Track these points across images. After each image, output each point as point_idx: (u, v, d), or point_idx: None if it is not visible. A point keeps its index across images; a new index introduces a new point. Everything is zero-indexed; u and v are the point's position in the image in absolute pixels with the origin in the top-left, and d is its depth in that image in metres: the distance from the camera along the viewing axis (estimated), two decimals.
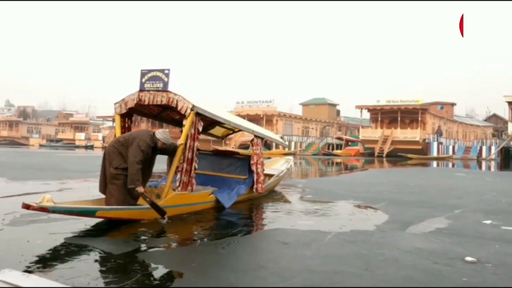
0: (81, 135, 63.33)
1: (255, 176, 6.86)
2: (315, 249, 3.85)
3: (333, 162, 27.45)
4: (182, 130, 5.44)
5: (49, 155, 25.84)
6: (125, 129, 5.85)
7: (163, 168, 5.28)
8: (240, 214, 6.09)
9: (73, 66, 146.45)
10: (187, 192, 5.43)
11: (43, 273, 2.98)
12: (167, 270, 3.29)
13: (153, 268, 3.25)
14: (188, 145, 5.34)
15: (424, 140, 39.09)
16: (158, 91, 5.40)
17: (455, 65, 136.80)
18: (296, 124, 52.04)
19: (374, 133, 40.54)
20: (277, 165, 9.79)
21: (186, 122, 5.30)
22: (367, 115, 43.27)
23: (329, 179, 13.75)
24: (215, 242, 4.14)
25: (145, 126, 51.15)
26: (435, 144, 39.87)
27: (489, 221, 5.56)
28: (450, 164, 27.94)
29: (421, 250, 3.89)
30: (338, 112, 61.33)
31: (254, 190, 6.86)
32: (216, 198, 6.00)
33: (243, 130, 7.36)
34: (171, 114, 6.81)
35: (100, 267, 3.28)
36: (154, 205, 4.72)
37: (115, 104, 5.73)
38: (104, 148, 5.22)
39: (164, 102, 5.40)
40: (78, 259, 3.46)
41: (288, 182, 10.61)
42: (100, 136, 59.63)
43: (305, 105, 60.09)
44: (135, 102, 5.56)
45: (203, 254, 3.72)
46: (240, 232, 4.80)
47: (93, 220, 4.63)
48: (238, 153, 7.89)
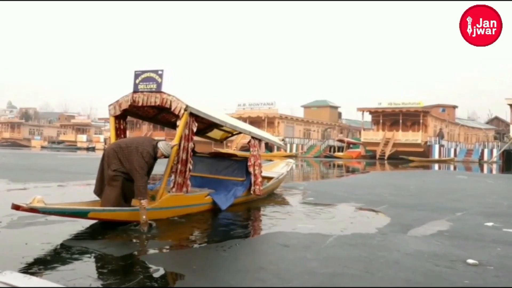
0: (83, 137, 63.46)
1: (253, 178, 6.80)
2: (316, 252, 3.85)
3: (335, 165, 27.42)
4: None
5: (51, 157, 25.88)
6: (120, 131, 5.83)
7: (163, 170, 5.26)
8: (241, 217, 6.09)
9: (75, 68, 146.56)
10: (182, 194, 5.39)
11: (45, 275, 2.99)
12: (168, 272, 3.30)
13: (154, 270, 3.25)
14: (182, 146, 5.31)
15: (426, 143, 39.02)
16: (152, 92, 5.36)
17: (456, 67, 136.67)
18: (298, 127, 52.03)
19: (376, 136, 40.49)
20: (277, 168, 9.77)
21: (180, 123, 5.27)
22: (369, 118, 43.24)
23: (330, 182, 13.74)
24: (216, 244, 4.14)
25: (146, 129, 51.25)
26: (437, 147, 39.78)
27: (491, 224, 5.55)
28: (452, 167, 27.88)
29: (422, 253, 3.88)
30: (340, 115, 61.31)
31: (252, 192, 6.81)
32: (213, 200, 5.96)
33: (240, 131, 7.33)
34: (167, 116, 6.76)
35: (101, 269, 3.29)
36: (143, 226, 4.50)
37: (109, 106, 5.71)
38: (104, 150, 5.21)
39: (158, 103, 5.37)
40: (79, 261, 3.46)
41: (289, 185, 10.61)
42: (102, 138, 59.66)
43: (307, 108, 60.08)
44: (129, 104, 5.52)
45: (204, 256, 3.72)
46: (241, 235, 4.81)
47: (90, 222, 4.63)
48: (236, 155, 7.88)
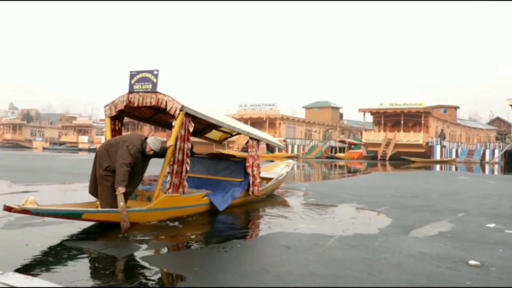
0: (84, 138, 63.51)
1: (251, 179, 6.75)
2: (318, 253, 3.84)
3: (336, 165, 27.40)
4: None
5: (52, 158, 25.92)
6: (116, 132, 5.81)
7: (159, 171, 5.25)
8: (242, 218, 6.09)
9: (77, 69, 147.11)
10: (178, 195, 5.34)
11: (46, 276, 2.99)
12: (170, 274, 3.29)
13: (156, 272, 3.25)
14: (178, 147, 5.28)
15: (427, 144, 39.01)
16: (147, 93, 5.34)
17: (458, 68, 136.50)
18: (299, 127, 52.04)
19: (377, 137, 40.48)
20: (277, 169, 9.73)
21: (176, 123, 5.24)
22: (370, 118, 43.25)
23: (332, 183, 13.73)
24: (218, 246, 4.13)
25: (148, 130, 51.31)
26: (438, 148, 39.75)
27: (493, 225, 5.53)
28: (453, 168, 27.83)
29: (424, 254, 3.87)
30: (341, 115, 61.33)
31: (250, 193, 6.76)
32: (210, 201, 5.91)
33: (238, 132, 7.30)
34: (164, 117, 6.73)
35: (103, 270, 3.28)
36: (123, 212, 4.40)
37: (105, 107, 5.69)
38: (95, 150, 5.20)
39: (154, 104, 5.35)
40: (80, 262, 3.46)
41: (291, 186, 10.60)
42: (103, 139, 59.64)
43: (308, 108, 60.10)
44: (125, 104, 5.51)
45: (206, 258, 3.72)
46: (243, 236, 4.80)
47: (88, 223, 4.61)
48: (234, 156, 7.85)
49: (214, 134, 8.24)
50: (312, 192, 9.17)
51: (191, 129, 5.50)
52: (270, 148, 37.74)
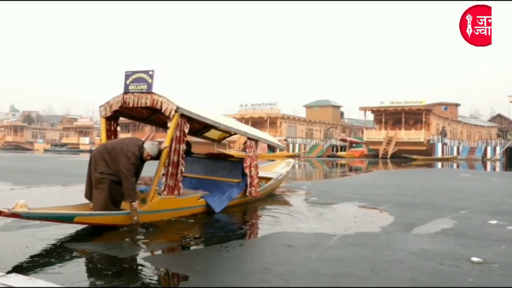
0: (85, 140, 63.47)
1: (249, 179, 6.68)
2: (320, 252, 3.84)
3: (337, 164, 27.39)
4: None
5: (54, 160, 25.95)
6: (111, 132, 5.77)
7: (154, 173, 5.21)
8: (244, 218, 6.09)
9: (77, 71, 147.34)
10: (174, 197, 5.28)
11: (49, 277, 2.99)
12: (172, 274, 3.29)
13: (158, 272, 3.25)
14: (174, 148, 5.22)
15: (429, 141, 38.92)
16: (142, 93, 5.28)
17: (458, 66, 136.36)
18: (300, 126, 51.99)
19: (378, 135, 40.41)
20: (277, 168, 9.67)
21: (171, 124, 5.19)
22: (371, 117, 43.18)
23: (334, 181, 13.72)
24: (220, 246, 4.13)
25: (149, 130, 51.32)
26: (440, 145, 39.65)
27: (495, 222, 5.52)
28: (455, 165, 27.80)
29: (427, 252, 3.87)
30: (342, 114, 61.21)
31: (248, 194, 6.69)
32: (206, 203, 5.84)
33: (235, 132, 7.25)
34: (161, 117, 6.58)
35: (105, 271, 3.28)
36: (137, 225, 4.63)
37: (100, 107, 5.63)
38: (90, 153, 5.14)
39: (149, 104, 5.29)
40: (82, 263, 3.47)
41: (293, 185, 10.60)
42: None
43: (309, 107, 60.02)
44: (120, 105, 5.46)
45: (208, 258, 3.72)
46: (244, 235, 4.81)
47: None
48: (232, 156, 7.79)
49: (213, 134, 8.19)
50: (314, 191, 9.17)
51: (187, 130, 5.44)
52: (272, 148, 37.71)
